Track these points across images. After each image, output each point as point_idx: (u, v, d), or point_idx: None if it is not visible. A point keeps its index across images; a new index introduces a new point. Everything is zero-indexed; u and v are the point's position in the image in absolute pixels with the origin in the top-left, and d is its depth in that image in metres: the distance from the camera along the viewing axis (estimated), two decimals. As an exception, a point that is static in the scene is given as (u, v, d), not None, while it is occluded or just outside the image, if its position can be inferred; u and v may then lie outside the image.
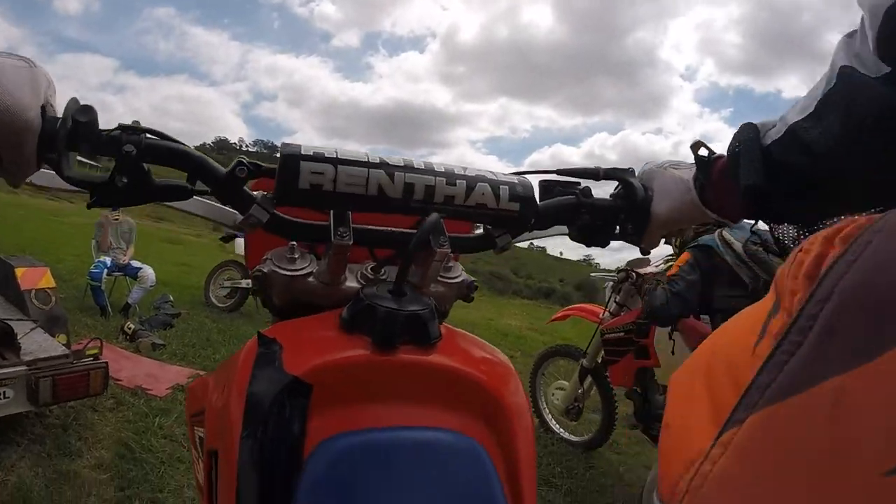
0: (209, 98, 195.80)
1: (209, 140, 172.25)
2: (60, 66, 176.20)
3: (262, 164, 0.64)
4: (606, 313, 3.64)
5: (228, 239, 6.88)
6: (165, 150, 0.62)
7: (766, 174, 0.64)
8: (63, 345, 3.19)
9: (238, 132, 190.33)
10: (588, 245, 0.83)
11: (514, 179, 0.70)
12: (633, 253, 2.85)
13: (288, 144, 0.61)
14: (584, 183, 0.82)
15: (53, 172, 0.60)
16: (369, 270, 0.68)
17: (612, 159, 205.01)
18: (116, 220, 6.79)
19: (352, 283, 0.67)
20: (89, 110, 0.59)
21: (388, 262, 0.70)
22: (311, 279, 0.66)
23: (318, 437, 0.49)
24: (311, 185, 0.59)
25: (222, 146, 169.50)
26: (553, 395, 4.14)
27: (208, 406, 0.64)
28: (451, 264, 0.74)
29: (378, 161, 0.62)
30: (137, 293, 6.26)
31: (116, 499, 2.63)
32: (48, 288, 3.60)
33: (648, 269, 3.45)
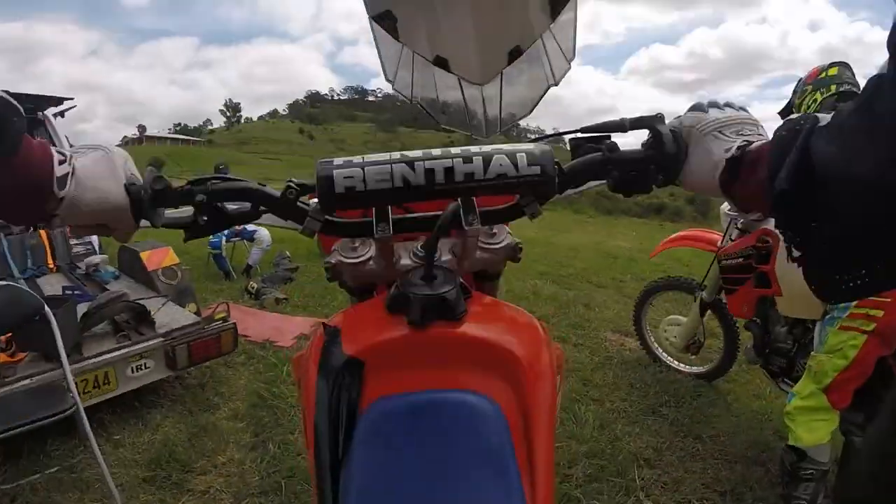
0: (292, 55, 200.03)
1: (301, 96, 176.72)
2: (143, 57, 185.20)
3: (307, 183, 0.75)
4: (727, 240, 3.29)
5: None
6: (230, 190, 0.76)
7: (798, 179, 0.57)
8: (193, 313, 3.51)
9: (328, 83, 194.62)
10: (628, 196, 0.82)
11: (531, 146, 0.72)
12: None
13: (322, 161, 0.70)
14: (615, 137, 0.82)
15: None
16: (419, 249, 0.80)
17: (716, 56, 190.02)
18: None
19: (406, 260, 0.80)
20: (160, 179, 0.75)
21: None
22: (371, 263, 0.80)
23: (369, 399, 0.65)
24: (346, 189, 0.68)
25: (315, 99, 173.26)
26: (666, 331, 3.94)
27: (301, 375, 0.77)
28: (494, 230, 0.83)
29: (398, 157, 0.70)
30: (256, 254, 6.69)
31: (252, 444, 2.90)
32: (173, 265, 3.96)
33: None
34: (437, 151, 0.71)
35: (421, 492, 0.60)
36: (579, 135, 0.83)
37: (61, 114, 6.62)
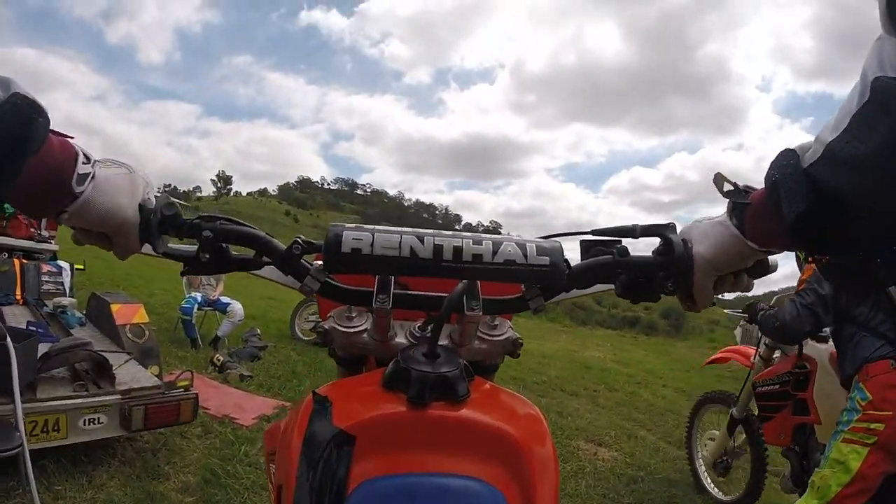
0: (290, 140, 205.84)
1: (293, 180, 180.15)
2: (146, 113, 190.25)
3: (315, 242, 0.77)
4: (757, 357, 3.30)
5: None
6: (237, 233, 0.76)
7: (808, 200, 0.62)
8: (155, 376, 3.36)
9: (319, 171, 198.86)
10: (634, 302, 0.82)
11: (542, 240, 0.73)
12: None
13: (335, 223, 0.71)
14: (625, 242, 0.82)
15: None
16: (416, 329, 0.79)
17: (693, 180, 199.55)
18: None
19: (401, 339, 0.79)
20: (173, 205, 0.75)
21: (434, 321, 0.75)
22: (365, 335, 0.79)
23: (359, 478, 0.60)
24: (352, 250, 0.68)
25: (305, 185, 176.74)
26: (705, 445, 3.82)
27: (278, 447, 0.74)
28: (496, 322, 0.82)
29: (410, 230, 0.70)
30: (226, 327, 6.51)
31: (200, 523, 2.67)
32: (142, 323, 3.86)
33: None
34: (448, 232, 0.71)
35: None
36: (590, 237, 0.83)
37: None
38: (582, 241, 0.84)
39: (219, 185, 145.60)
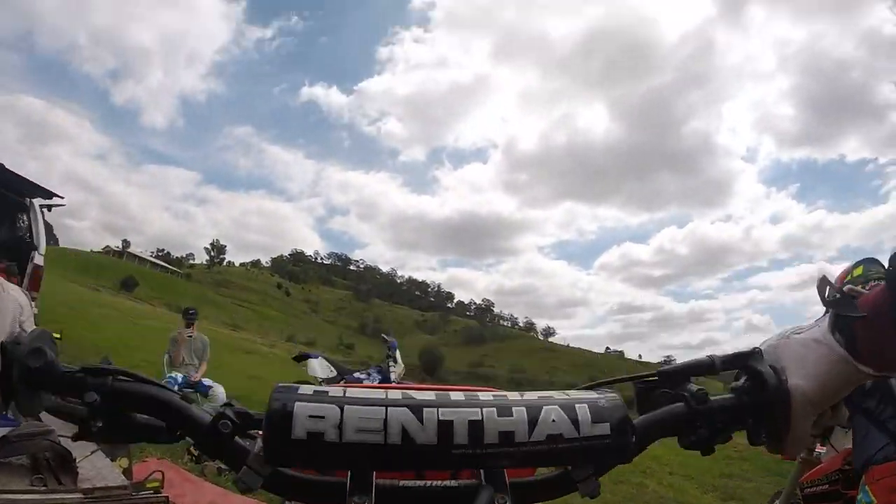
0: (285, 213, 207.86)
1: (286, 252, 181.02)
2: (146, 176, 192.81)
3: (253, 414, 0.55)
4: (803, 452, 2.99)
5: (301, 359, 6.83)
6: (138, 395, 0.56)
7: None
8: (123, 469, 3.07)
9: (313, 245, 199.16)
10: (705, 454, 0.63)
11: (593, 394, 0.57)
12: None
13: (282, 386, 0.52)
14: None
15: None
16: None
17: (682, 253, 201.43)
18: (190, 336, 6.99)
19: None
20: (40, 353, 0.54)
21: None
22: None
23: None
24: (309, 435, 0.48)
25: (298, 258, 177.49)
26: None
27: None
28: None
29: (399, 397, 0.51)
30: (207, 410, 6.10)
31: None
32: None
33: None
34: (457, 395, 0.53)
35: None
36: (648, 378, 0.65)
37: (48, 207, 6.86)
38: (637, 386, 0.66)
39: (212, 253, 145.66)
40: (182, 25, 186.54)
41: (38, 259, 6.84)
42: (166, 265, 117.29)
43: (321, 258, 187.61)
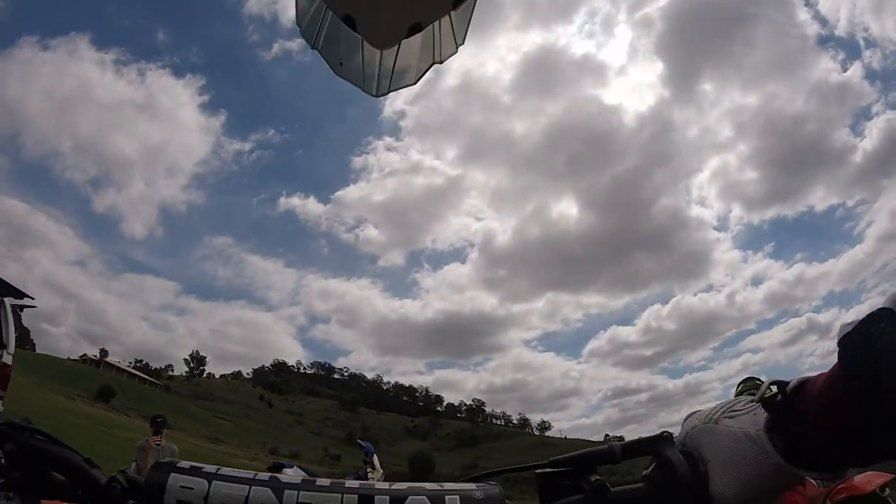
0: (266, 322, 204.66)
1: (268, 363, 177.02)
2: (125, 284, 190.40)
3: (141, 481, 0.59)
4: None
5: (275, 469, 6.02)
6: (48, 454, 0.62)
7: None
8: None
9: (295, 355, 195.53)
10: None
11: (470, 486, 0.57)
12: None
13: (166, 461, 0.58)
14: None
15: None
16: None
17: (670, 329, 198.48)
18: (158, 444, 7.00)
19: None
20: None
21: None
22: None
23: None
24: (178, 503, 0.54)
25: (280, 369, 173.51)
26: None
27: None
28: None
29: (267, 478, 0.55)
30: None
31: None
32: None
33: None
34: (324, 481, 0.56)
35: None
36: (547, 469, 0.62)
37: (20, 307, 7.03)
38: (538, 476, 0.62)
39: (192, 364, 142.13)
40: (163, 137, 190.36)
41: (7, 358, 6.93)
42: (145, 376, 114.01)
43: (304, 368, 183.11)
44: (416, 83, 1.14)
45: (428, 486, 0.54)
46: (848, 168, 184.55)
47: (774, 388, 0.53)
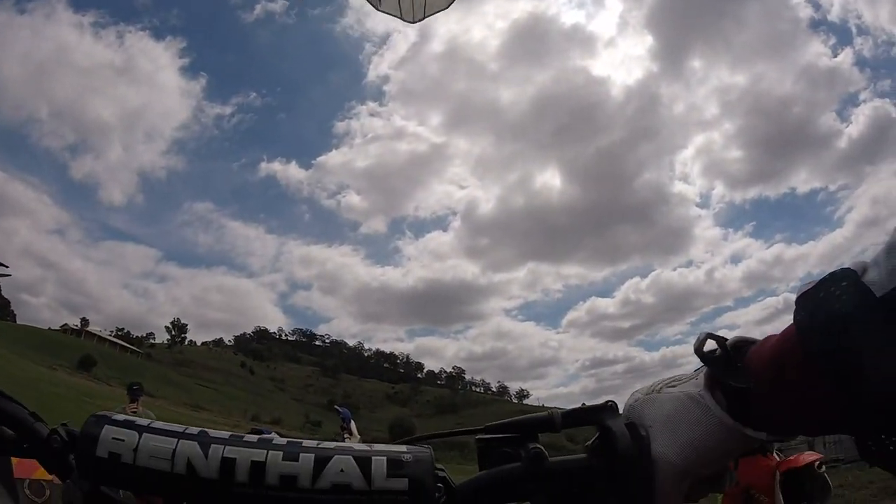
0: (247, 289, 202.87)
1: (249, 330, 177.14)
2: (104, 252, 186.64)
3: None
4: None
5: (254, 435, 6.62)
6: None
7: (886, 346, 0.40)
8: None
9: (277, 321, 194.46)
10: None
11: (400, 448, 0.53)
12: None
13: (102, 413, 0.55)
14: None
15: None
16: None
17: (649, 302, 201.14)
18: (135, 412, 6.80)
19: None
20: None
21: None
22: None
23: None
24: (110, 454, 0.51)
25: (262, 336, 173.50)
26: None
27: None
28: None
29: (196, 432, 0.53)
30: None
31: None
32: (43, 480, 3.30)
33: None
34: (251, 437, 0.52)
35: None
36: (485, 434, 0.59)
37: None
38: (477, 442, 0.59)
39: (173, 332, 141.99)
40: (142, 101, 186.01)
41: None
42: (126, 344, 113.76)
43: (286, 335, 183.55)
44: (447, 7, 1.17)
45: (357, 446, 0.53)
46: (832, 153, 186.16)
47: (712, 343, 0.53)
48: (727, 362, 0.52)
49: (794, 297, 0.46)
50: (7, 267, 6.93)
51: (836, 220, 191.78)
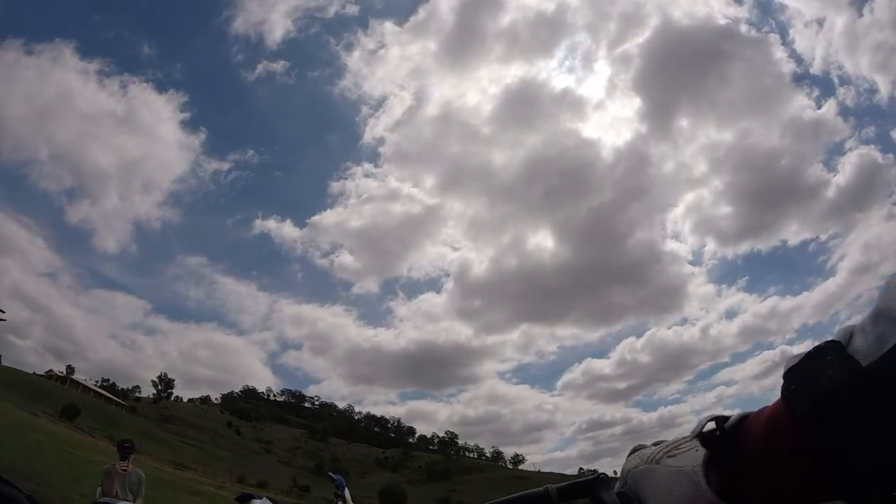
0: (237, 346, 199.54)
1: (237, 388, 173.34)
2: (94, 300, 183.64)
3: None
4: None
5: (244, 499, 6.45)
6: None
7: (881, 419, 0.41)
8: None
9: (266, 381, 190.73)
10: None
11: None
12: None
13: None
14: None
15: None
16: None
17: (645, 361, 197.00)
18: (125, 470, 6.74)
19: None
20: None
21: None
22: None
23: None
24: None
25: (250, 395, 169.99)
26: None
27: None
28: None
29: None
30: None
31: None
32: None
33: None
34: None
35: None
36: None
37: None
38: None
39: (159, 387, 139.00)
40: (141, 152, 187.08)
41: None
42: (111, 396, 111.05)
43: (274, 395, 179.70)
44: None
45: None
46: (821, 202, 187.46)
47: (713, 425, 0.53)
48: (724, 441, 0.52)
49: (790, 349, 0.30)
50: (4, 312, 6.10)
51: (829, 269, 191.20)
